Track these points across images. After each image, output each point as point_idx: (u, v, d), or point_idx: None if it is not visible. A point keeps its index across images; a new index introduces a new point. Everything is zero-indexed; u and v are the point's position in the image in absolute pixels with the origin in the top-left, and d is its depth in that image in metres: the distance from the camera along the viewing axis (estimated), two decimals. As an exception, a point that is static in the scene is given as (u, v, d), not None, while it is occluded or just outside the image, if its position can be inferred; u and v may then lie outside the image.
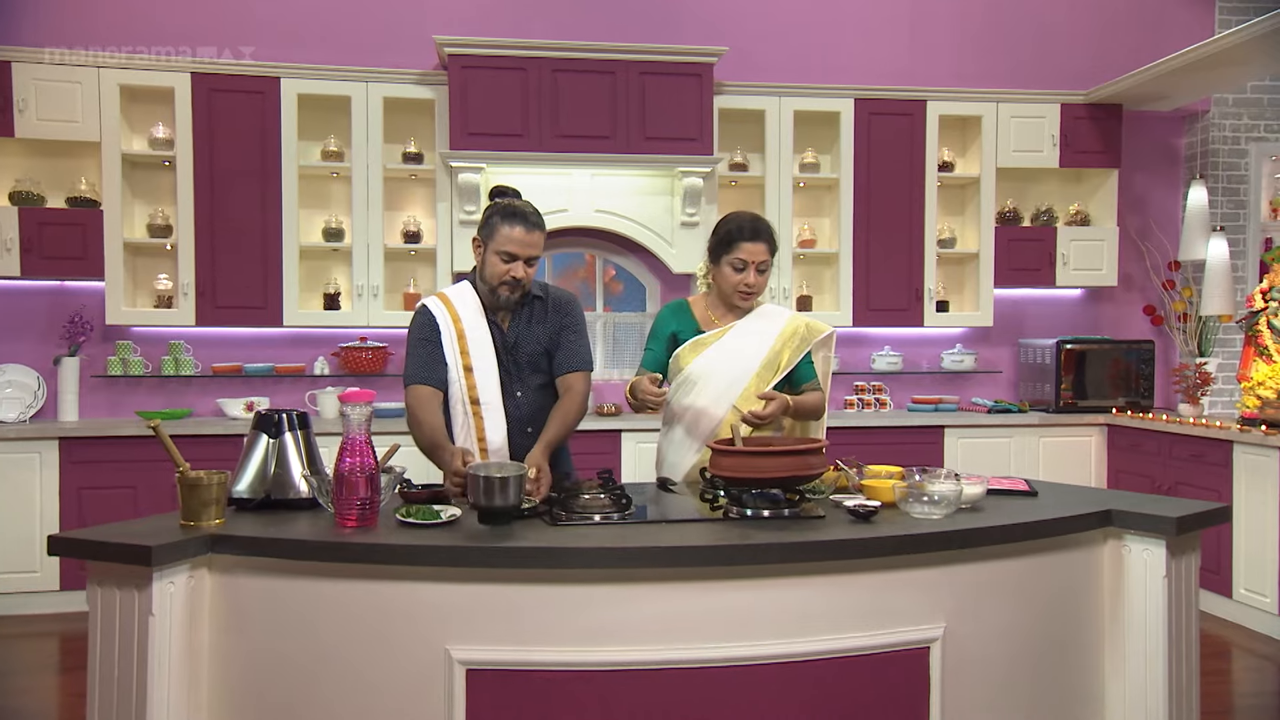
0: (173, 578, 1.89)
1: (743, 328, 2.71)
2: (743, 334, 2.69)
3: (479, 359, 2.54)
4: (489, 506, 1.99)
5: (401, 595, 1.90)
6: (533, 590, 1.89)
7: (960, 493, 2.10)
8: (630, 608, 1.89)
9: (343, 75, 4.76)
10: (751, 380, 2.69)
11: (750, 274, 2.67)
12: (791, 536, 1.93)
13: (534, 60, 4.66)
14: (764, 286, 2.71)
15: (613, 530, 2.03)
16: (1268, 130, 5.53)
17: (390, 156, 4.88)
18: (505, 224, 2.51)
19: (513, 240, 2.50)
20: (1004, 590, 2.06)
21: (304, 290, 4.87)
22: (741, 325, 2.72)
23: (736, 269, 2.67)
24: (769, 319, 2.74)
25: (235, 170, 4.71)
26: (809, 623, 1.91)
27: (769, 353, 2.66)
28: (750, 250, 2.65)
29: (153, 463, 4.44)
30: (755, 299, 2.74)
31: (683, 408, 2.74)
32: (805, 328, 2.73)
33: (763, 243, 2.67)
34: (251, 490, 2.20)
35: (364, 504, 2.00)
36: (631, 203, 4.89)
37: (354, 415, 2.03)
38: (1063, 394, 5.22)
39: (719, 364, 2.70)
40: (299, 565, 1.93)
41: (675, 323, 2.79)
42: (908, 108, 5.16)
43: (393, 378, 5.07)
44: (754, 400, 2.59)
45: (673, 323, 2.79)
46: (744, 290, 2.69)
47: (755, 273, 2.67)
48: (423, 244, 4.94)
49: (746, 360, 2.71)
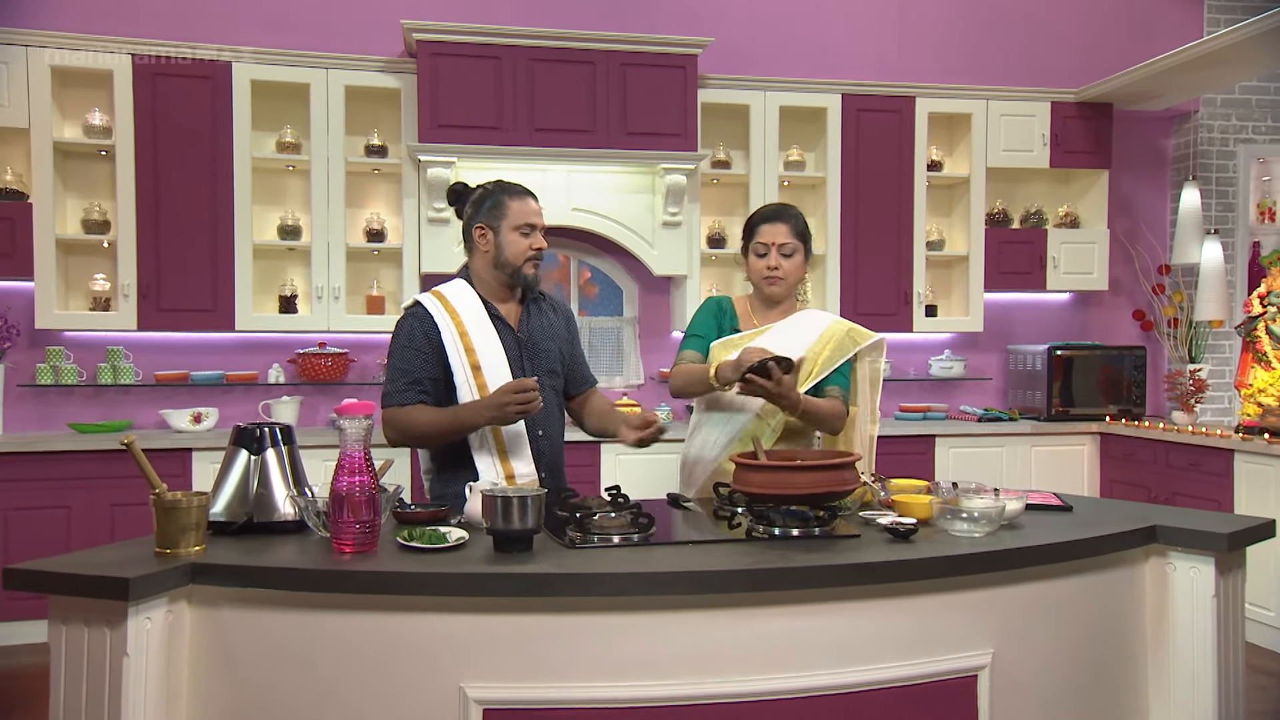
0: (149, 613, 1.76)
1: (779, 330, 2.65)
2: (779, 335, 2.63)
3: (487, 356, 2.44)
4: (507, 530, 1.89)
5: (410, 628, 1.79)
6: (554, 620, 1.80)
7: (1003, 509, 2.06)
8: (661, 638, 1.80)
9: (301, 60, 4.61)
10: None
11: (773, 256, 2.63)
12: (834, 558, 1.87)
13: (509, 48, 4.56)
14: (795, 274, 2.65)
15: (636, 553, 1.94)
16: (1255, 132, 5.65)
17: (352, 149, 4.74)
18: (515, 199, 2.52)
19: (530, 211, 2.53)
20: (1050, 612, 2.02)
21: (258, 292, 4.69)
22: (778, 328, 2.66)
23: (759, 254, 2.66)
24: (806, 325, 2.65)
25: (181, 162, 4.52)
26: (852, 652, 1.85)
27: (805, 355, 2.56)
28: (769, 232, 2.64)
29: (89, 481, 4.23)
30: (784, 286, 2.66)
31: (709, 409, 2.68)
32: (848, 333, 2.64)
33: (783, 224, 2.64)
34: (230, 513, 2.07)
35: (364, 527, 1.89)
36: (610, 201, 4.81)
37: (351, 429, 1.92)
38: (1053, 402, 5.26)
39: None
40: (293, 596, 1.81)
41: (718, 318, 2.72)
42: (896, 104, 5.16)
43: (353, 386, 4.92)
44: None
45: (716, 316, 2.72)
46: (769, 276, 2.64)
47: (779, 255, 2.63)
48: (387, 243, 4.80)
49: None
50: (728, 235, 5.16)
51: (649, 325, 5.26)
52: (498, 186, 2.56)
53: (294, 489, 2.10)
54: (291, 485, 2.11)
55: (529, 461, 2.45)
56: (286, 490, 2.10)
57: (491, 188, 2.55)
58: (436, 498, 2.47)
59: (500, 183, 2.58)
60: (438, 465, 2.51)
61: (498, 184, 2.57)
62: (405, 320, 2.49)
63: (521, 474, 2.44)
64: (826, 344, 2.59)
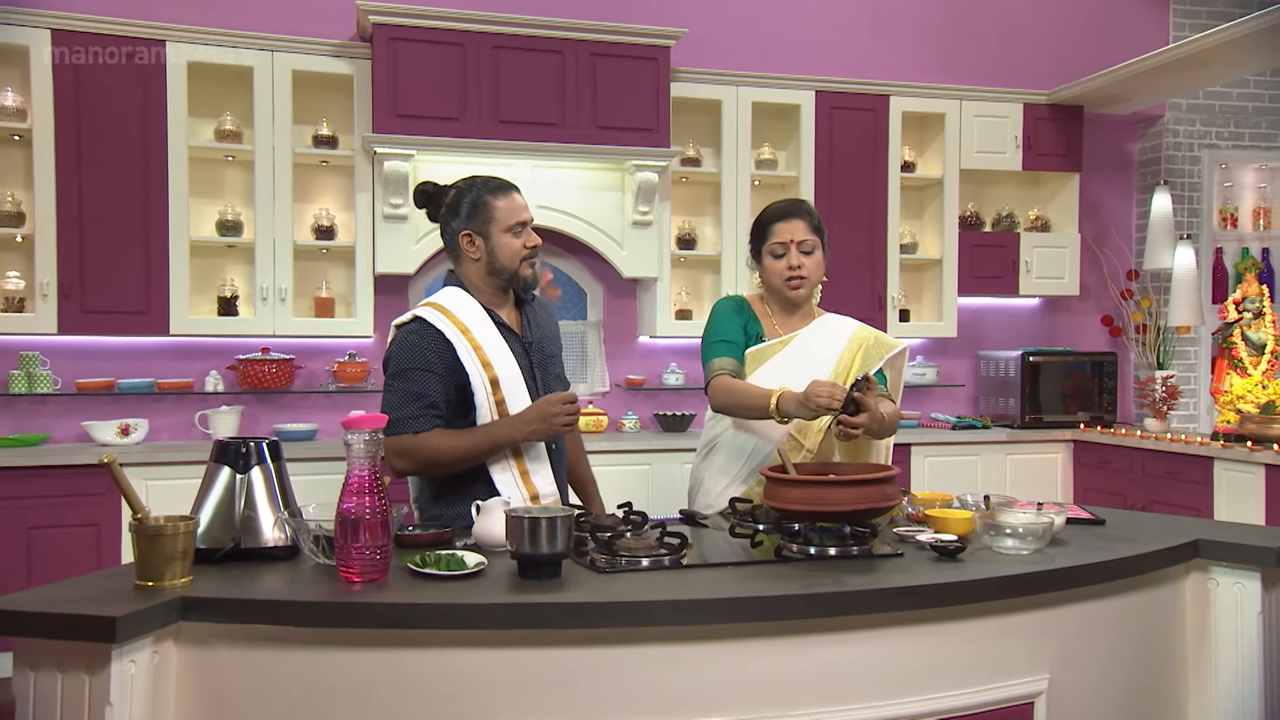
0: (134, 655, 1.60)
1: (805, 340, 2.58)
2: (805, 348, 2.55)
3: (503, 368, 2.31)
4: (534, 554, 1.78)
5: (434, 665, 1.67)
6: (592, 654, 1.69)
7: (1052, 524, 2.03)
8: (708, 670, 1.71)
9: (243, 41, 4.39)
10: None
11: (793, 254, 2.55)
12: (889, 580, 1.81)
13: (473, 35, 4.43)
14: (817, 273, 2.58)
15: (671, 577, 1.85)
16: (1219, 137, 5.83)
17: (299, 139, 4.54)
18: (501, 197, 2.38)
19: (519, 208, 2.40)
20: (1102, 634, 1.99)
21: (195, 293, 4.46)
22: (804, 337, 2.59)
23: (777, 255, 2.57)
24: (833, 333, 2.59)
25: (109, 148, 4.27)
26: (910, 680, 1.79)
27: (834, 372, 2.51)
28: (785, 229, 2.55)
29: (5, 501, 3.95)
30: (808, 287, 2.60)
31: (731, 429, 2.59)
32: (875, 342, 2.59)
33: (799, 219, 2.57)
34: (212, 538, 1.92)
35: (376, 553, 1.76)
36: (578, 198, 4.71)
37: (359, 445, 1.79)
38: (1026, 409, 5.33)
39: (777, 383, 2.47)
40: (297, 633, 1.67)
41: (744, 318, 2.62)
42: (871, 102, 5.17)
43: (298, 395, 4.71)
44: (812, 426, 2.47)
45: (740, 317, 2.62)
46: (792, 277, 2.56)
47: (799, 253, 2.55)
48: (337, 241, 4.61)
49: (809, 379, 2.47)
50: (698, 237, 5.11)
51: (614, 330, 5.17)
52: (474, 184, 2.40)
53: (285, 510, 1.95)
54: (282, 506, 1.96)
55: (551, 480, 2.34)
56: (276, 512, 1.95)
57: (466, 186, 2.40)
58: (431, 519, 2.34)
59: (476, 179, 2.42)
60: (435, 486, 2.36)
61: (473, 181, 2.41)
62: (407, 339, 2.31)
63: (545, 494, 2.32)
64: (855, 353, 2.53)
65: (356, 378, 4.65)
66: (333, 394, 4.74)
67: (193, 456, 4.09)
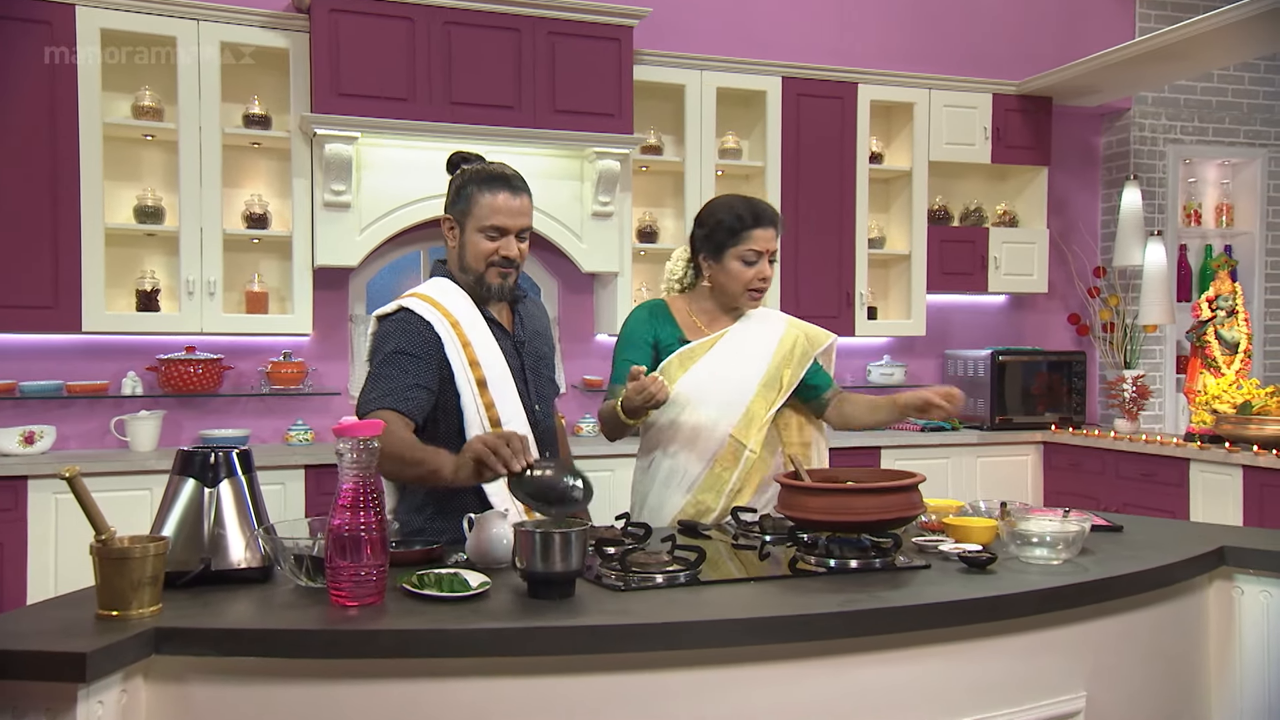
0: (102, 695, 1.48)
1: (737, 336, 2.61)
2: (738, 344, 2.59)
3: (491, 368, 2.23)
4: (547, 573, 1.70)
5: (439, 697, 1.58)
6: (611, 681, 1.63)
7: (1083, 532, 2.02)
8: (742, 695, 1.66)
9: (164, 9, 4.18)
10: (752, 401, 2.59)
11: (764, 265, 2.57)
12: (927, 594, 1.78)
13: (423, 8, 4.30)
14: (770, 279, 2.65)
15: (691, 595, 1.80)
16: (1183, 132, 6.00)
17: (228, 119, 4.35)
18: (485, 191, 2.26)
19: (499, 210, 2.26)
20: (1135, 647, 2.00)
21: (111, 286, 4.23)
22: (735, 333, 2.62)
23: (748, 262, 2.56)
24: (764, 323, 2.65)
25: (10, 125, 4.03)
26: (957, 700, 1.76)
27: (769, 370, 2.59)
28: (763, 238, 2.57)
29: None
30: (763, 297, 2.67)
31: (668, 435, 2.59)
32: (805, 339, 2.69)
33: (774, 228, 2.60)
34: (177, 560, 1.79)
35: (372, 574, 1.66)
36: (534, 188, 4.50)
37: (351, 455, 1.69)
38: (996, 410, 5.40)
39: (711, 383, 2.57)
40: (285, 665, 1.57)
41: (654, 328, 2.64)
42: (839, 90, 5.19)
43: (227, 398, 4.52)
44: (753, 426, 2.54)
45: (651, 328, 2.64)
46: (757, 288, 2.60)
47: (768, 264, 2.59)
48: (271, 230, 4.44)
49: (744, 377, 2.60)
50: (659, 229, 5.06)
51: (571, 328, 5.09)
52: (478, 172, 2.29)
53: (259, 528, 1.84)
54: (255, 522, 1.85)
55: None
56: (248, 530, 1.84)
57: (472, 171, 2.30)
58: (412, 532, 2.24)
59: (480, 165, 2.33)
60: (419, 496, 2.26)
61: (480, 168, 2.31)
62: (391, 327, 2.21)
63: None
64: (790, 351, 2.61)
65: (292, 379, 4.48)
66: (265, 397, 4.56)
67: (108, 467, 3.89)
